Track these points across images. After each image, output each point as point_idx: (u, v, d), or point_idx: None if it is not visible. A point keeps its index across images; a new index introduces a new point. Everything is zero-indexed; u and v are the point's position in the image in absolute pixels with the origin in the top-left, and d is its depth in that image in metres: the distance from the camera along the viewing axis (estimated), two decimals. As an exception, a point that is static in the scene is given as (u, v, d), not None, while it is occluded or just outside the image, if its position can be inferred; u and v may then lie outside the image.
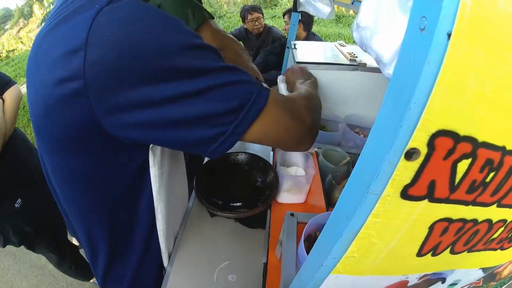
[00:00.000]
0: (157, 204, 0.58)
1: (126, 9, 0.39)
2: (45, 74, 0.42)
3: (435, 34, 0.17)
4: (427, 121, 0.19)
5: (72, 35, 0.39)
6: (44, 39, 0.43)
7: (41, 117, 0.45)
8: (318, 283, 0.32)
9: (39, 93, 0.44)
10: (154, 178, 0.54)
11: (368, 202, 0.23)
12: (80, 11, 0.40)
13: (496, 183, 0.29)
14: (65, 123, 0.43)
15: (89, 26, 0.37)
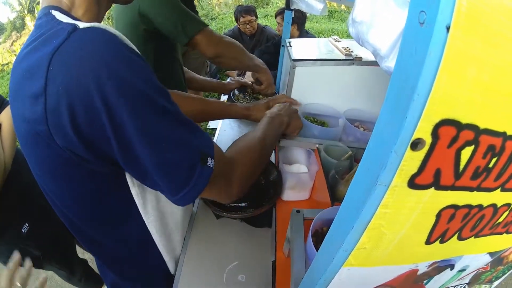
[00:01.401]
0: (146, 219, 0.59)
1: (84, 49, 0.38)
2: (19, 107, 0.43)
3: (435, 27, 0.18)
4: (430, 111, 0.20)
5: (34, 76, 0.38)
6: (19, 65, 0.43)
7: (24, 146, 0.47)
8: (331, 277, 0.33)
9: (17, 124, 0.45)
10: (136, 196, 0.55)
11: (377, 194, 0.23)
12: (43, 48, 0.39)
13: (499, 168, 0.29)
14: (42, 156, 0.45)
15: (46, 72, 0.37)
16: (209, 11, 6.85)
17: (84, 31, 0.38)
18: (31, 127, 0.41)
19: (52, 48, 0.37)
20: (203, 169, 0.47)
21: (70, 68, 0.37)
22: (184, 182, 0.46)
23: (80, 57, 0.37)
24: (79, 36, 0.38)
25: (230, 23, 5.92)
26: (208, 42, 1.06)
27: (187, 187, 0.47)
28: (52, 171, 0.48)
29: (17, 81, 0.43)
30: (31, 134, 0.43)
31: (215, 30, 1.16)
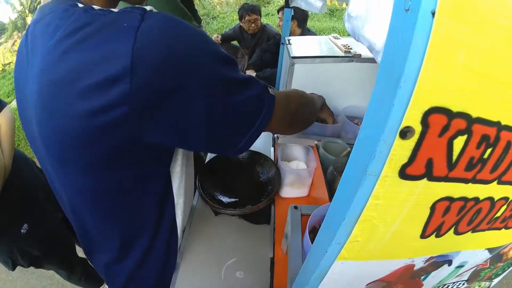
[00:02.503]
0: (177, 200, 0.62)
1: (164, 27, 0.38)
2: (70, 103, 0.40)
3: (420, 13, 0.17)
4: (418, 98, 0.20)
5: (108, 61, 0.37)
6: (59, 63, 0.40)
7: (69, 147, 0.44)
8: (325, 271, 0.32)
9: (61, 122, 0.42)
10: (175, 175, 0.59)
11: (367, 184, 0.23)
12: (109, 33, 0.38)
13: (494, 159, 0.29)
14: (102, 148, 0.43)
15: (131, 51, 0.36)
16: (210, 10, 6.85)
17: (153, 13, 0.39)
18: (95, 117, 0.39)
19: (132, 29, 0.36)
20: (269, 97, 0.51)
21: (159, 43, 0.37)
22: (256, 112, 0.50)
23: (166, 33, 0.38)
24: (154, 16, 0.38)
25: (231, 22, 5.92)
26: None
27: (259, 117, 0.50)
28: (103, 163, 0.46)
29: (62, 78, 0.40)
30: (88, 127, 0.40)
31: (216, 29, 1.17)
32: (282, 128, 0.60)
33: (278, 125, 0.56)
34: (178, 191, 0.61)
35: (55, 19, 0.42)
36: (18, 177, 1.11)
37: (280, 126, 0.58)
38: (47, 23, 0.43)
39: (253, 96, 0.49)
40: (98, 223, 0.59)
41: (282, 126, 0.59)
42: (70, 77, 0.39)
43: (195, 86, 0.40)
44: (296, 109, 0.60)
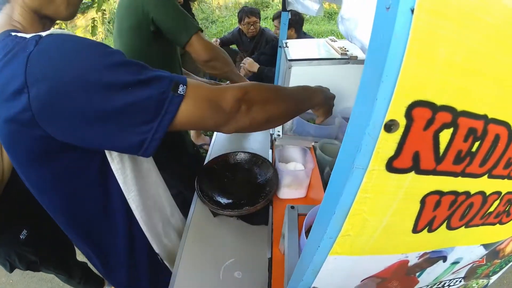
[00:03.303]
0: (127, 194, 0.65)
1: (50, 48, 0.47)
2: (1, 111, 0.50)
3: (399, 10, 0.18)
4: (401, 92, 0.20)
5: (13, 78, 0.47)
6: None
7: (6, 147, 0.55)
8: (318, 266, 0.33)
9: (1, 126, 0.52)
10: (117, 171, 0.62)
11: (355, 177, 0.23)
12: (17, 57, 0.47)
13: (483, 152, 0.29)
14: (28, 145, 0.52)
15: (24, 70, 0.46)
16: (209, 14, 6.88)
17: (46, 37, 0.48)
18: (14, 122, 0.49)
19: (27, 53, 0.46)
20: (174, 95, 0.52)
21: (43, 63, 0.47)
22: (157, 109, 0.51)
23: (48, 54, 0.47)
24: (44, 41, 0.48)
25: (230, 26, 5.95)
26: (203, 45, 1.09)
27: (161, 111, 0.51)
28: (35, 159, 0.55)
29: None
30: (14, 130, 0.50)
31: (215, 33, 1.20)
32: (216, 126, 0.59)
33: (196, 123, 0.56)
34: (125, 186, 0.64)
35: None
36: (17, 183, 1.11)
37: (202, 124, 0.57)
38: None
39: (149, 96, 0.50)
40: (57, 216, 0.68)
41: (206, 124, 0.57)
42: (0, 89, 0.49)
43: (79, 95, 0.47)
44: (237, 107, 0.58)
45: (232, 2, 7.41)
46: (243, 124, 0.60)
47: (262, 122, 0.63)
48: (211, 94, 0.56)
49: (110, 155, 0.60)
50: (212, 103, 0.56)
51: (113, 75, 0.48)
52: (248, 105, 0.59)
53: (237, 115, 0.58)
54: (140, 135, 0.51)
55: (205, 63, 1.14)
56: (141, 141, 0.51)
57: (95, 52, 0.49)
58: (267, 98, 0.62)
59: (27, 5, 0.56)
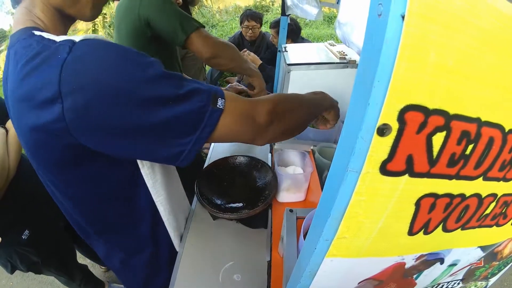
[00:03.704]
0: (156, 198, 0.66)
1: (86, 56, 0.45)
2: (28, 117, 0.48)
3: (389, 17, 0.19)
4: (393, 97, 0.21)
5: (45, 86, 0.45)
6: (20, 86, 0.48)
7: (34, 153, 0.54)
8: (315, 268, 0.33)
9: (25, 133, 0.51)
10: (146, 176, 0.63)
11: (349, 180, 0.24)
12: (48, 63, 0.45)
13: (477, 155, 0.30)
14: (58, 152, 0.51)
15: (58, 79, 0.44)
16: (210, 18, 6.92)
17: (81, 43, 0.46)
18: (44, 131, 0.47)
19: (61, 60, 0.44)
20: (214, 110, 0.52)
21: (80, 72, 0.44)
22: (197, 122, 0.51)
23: (85, 63, 0.45)
24: (79, 47, 0.45)
25: (230, 30, 5.99)
26: (204, 42, 1.07)
27: (201, 124, 0.51)
28: (63, 166, 0.54)
29: (21, 98, 0.48)
30: (43, 137, 0.49)
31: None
32: (248, 139, 0.59)
33: (232, 137, 0.56)
34: (154, 190, 0.65)
35: (19, 47, 0.50)
36: (22, 182, 1.12)
37: (237, 137, 0.57)
38: (15, 50, 0.51)
39: (190, 111, 0.50)
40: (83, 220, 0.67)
41: (241, 138, 0.58)
42: (26, 97, 0.47)
43: (118, 108, 0.46)
44: (269, 120, 0.58)
45: (232, 7, 7.45)
46: (275, 136, 0.61)
47: (291, 131, 0.65)
48: (246, 108, 0.56)
49: (141, 161, 0.61)
50: (248, 118, 0.56)
51: (153, 89, 0.47)
52: (279, 117, 0.59)
53: (270, 128, 0.59)
54: (179, 147, 0.51)
55: (208, 60, 1.12)
56: (179, 152, 0.51)
57: (134, 63, 0.48)
58: (293, 107, 0.64)
59: (50, 3, 0.54)
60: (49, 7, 0.55)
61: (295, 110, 0.64)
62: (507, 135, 0.30)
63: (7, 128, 1.08)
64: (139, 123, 0.47)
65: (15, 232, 1.12)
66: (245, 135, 0.57)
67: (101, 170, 0.57)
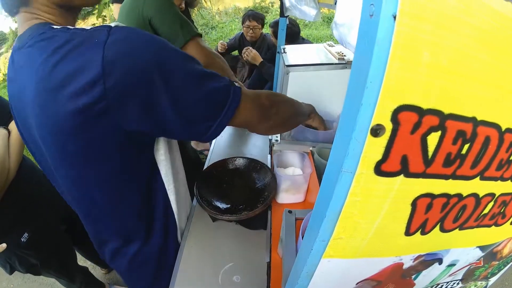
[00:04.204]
0: (168, 186, 0.69)
1: (126, 37, 0.48)
2: (63, 105, 0.48)
3: (381, 17, 0.19)
4: (386, 97, 0.21)
5: (86, 69, 0.46)
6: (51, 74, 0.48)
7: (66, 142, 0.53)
8: (312, 269, 0.33)
9: (57, 121, 0.50)
10: (162, 163, 0.66)
11: (343, 181, 0.24)
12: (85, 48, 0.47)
13: (473, 154, 0.30)
14: (93, 137, 0.52)
15: (101, 61, 0.45)
16: (209, 20, 6.92)
17: (117, 28, 0.48)
18: (82, 114, 0.48)
19: (101, 43, 0.46)
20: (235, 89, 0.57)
21: (124, 51, 0.46)
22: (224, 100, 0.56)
23: (128, 43, 0.47)
24: (117, 31, 0.48)
25: (230, 32, 5.99)
26: (200, 50, 1.09)
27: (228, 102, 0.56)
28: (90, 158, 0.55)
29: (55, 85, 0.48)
30: (78, 122, 0.49)
31: (215, 38, 1.19)
32: (256, 121, 0.64)
33: (250, 116, 0.61)
34: (166, 177, 0.68)
35: (36, 41, 0.50)
36: (22, 184, 1.12)
37: (252, 118, 0.62)
38: (30, 45, 0.51)
39: (219, 87, 0.55)
40: (97, 210, 0.67)
41: (254, 119, 0.63)
42: (61, 84, 0.47)
43: (159, 81, 0.48)
44: (270, 104, 0.65)
45: (232, 8, 7.46)
46: (275, 122, 0.67)
47: (283, 123, 0.71)
48: (253, 91, 0.63)
49: (158, 147, 0.64)
50: (255, 100, 0.62)
51: (190, 66, 0.52)
52: (276, 104, 0.66)
53: (271, 113, 0.65)
54: (208, 121, 0.55)
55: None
56: (208, 127, 0.56)
57: (166, 44, 0.52)
58: (283, 99, 0.72)
59: (52, 3, 0.55)
60: (53, 7, 0.55)
61: (286, 103, 0.72)
62: (503, 134, 0.30)
63: (9, 130, 1.07)
64: (176, 99, 0.51)
65: (15, 234, 1.11)
66: (254, 117, 0.63)
67: (127, 159, 0.58)
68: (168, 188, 0.70)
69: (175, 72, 0.50)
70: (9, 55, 4.00)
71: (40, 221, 1.19)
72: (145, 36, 0.50)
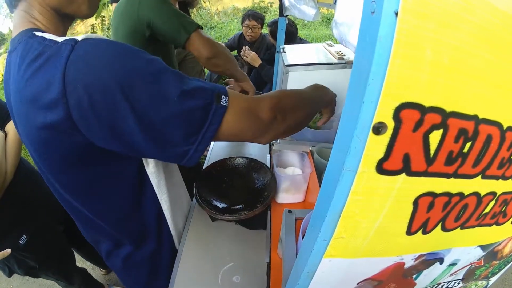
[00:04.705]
0: (160, 196, 0.68)
1: (89, 54, 0.45)
2: (33, 118, 0.48)
3: (383, 14, 0.18)
4: (388, 95, 0.21)
5: (49, 86, 0.45)
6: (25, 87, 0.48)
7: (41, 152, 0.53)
8: (313, 268, 0.33)
9: (31, 133, 0.51)
10: (151, 175, 0.64)
11: (345, 179, 0.24)
12: (51, 63, 0.45)
13: (475, 153, 0.29)
14: (66, 151, 0.51)
15: (62, 79, 0.44)
16: (208, 20, 6.93)
17: (83, 41, 0.46)
18: (53, 129, 0.48)
19: (63, 59, 0.44)
20: (218, 107, 0.51)
21: (83, 70, 0.44)
22: (202, 121, 0.50)
23: (88, 61, 0.45)
24: (82, 46, 0.46)
25: (228, 32, 5.99)
26: (205, 41, 1.07)
27: (205, 124, 0.51)
28: (72, 164, 0.54)
29: (27, 99, 0.48)
30: (52, 136, 0.49)
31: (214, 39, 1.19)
32: (250, 136, 0.57)
33: (239, 131, 0.55)
34: (159, 188, 0.67)
35: (21, 49, 0.50)
36: (19, 187, 1.11)
37: (243, 133, 0.56)
38: (17, 53, 0.51)
39: (195, 106, 0.49)
40: (84, 215, 0.67)
41: (248, 134, 0.57)
42: (31, 99, 0.47)
43: (123, 102, 0.45)
44: (272, 116, 0.57)
45: (230, 8, 7.46)
46: (278, 132, 0.60)
47: (294, 128, 0.64)
48: (249, 105, 0.55)
49: (146, 160, 0.62)
50: (251, 114, 0.55)
51: (158, 85, 0.47)
52: (282, 113, 0.59)
53: (274, 124, 0.58)
54: (184, 146, 0.51)
55: (208, 60, 1.11)
56: (184, 152, 0.51)
57: (137, 59, 0.48)
58: (295, 105, 0.63)
59: (47, 4, 0.55)
60: (47, 8, 0.55)
61: (297, 107, 0.63)
62: (505, 132, 0.30)
63: (5, 132, 1.06)
64: (144, 119, 0.47)
65: (13, 237, 1.11)
66: (248, 132, 0.56)
67: (110, 169, 0.57)
68: (161, 199, 0.69)
69: (142, 91, 0.46)
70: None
71: (38, 223, 1.18)
72: (110, 51, 0.47)
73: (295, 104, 0.63)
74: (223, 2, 7.75)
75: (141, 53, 0.49)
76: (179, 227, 0.80)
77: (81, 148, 0.51)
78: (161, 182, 0.66)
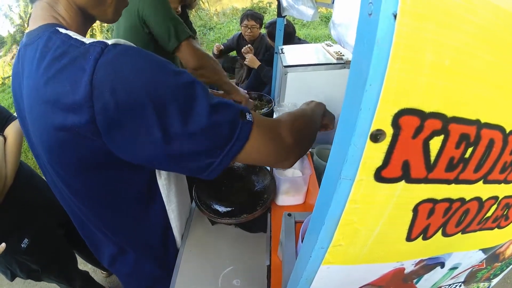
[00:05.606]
0: (168, 206, 0.68)
1: (119, 60, 0.44)
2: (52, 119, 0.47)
3: (380, 16, 0.18)
4: (386, 101, 0.20)
5: (75, 88, 0.44)
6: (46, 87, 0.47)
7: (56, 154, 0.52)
8: (311, 275, 0.32)
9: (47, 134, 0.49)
10: (162, 187, 0.64)
11: (342, 188, 0.23)
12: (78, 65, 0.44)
13: (477, 158, 0.29)
14: (81, 154, 0.50)
15: (89, 81, 0.43)
16: (207, 21, 6.92)
17: (113, 46, 0.45)
18: (70, 131, 0.46)
19: (92, 62, 0.43)
20: (244, 124, 0.50)
21: (112, 75, 0.43)
22: (229, 135, 0.49)
23: (118, 66, 0.44)
24: (112, 51, 0.44)
25: (227, 33, 5.98)
26: (193, 52, 1.10)
27: (233, 138, 0.49)
28: (85, 169, 0.53)
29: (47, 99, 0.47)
30: (69, 138, 0.47)
31: (213, 39, 1.20)
32: (273, 160, 0.56)
33: (261, 155, 0.53)
34: (167, 199, 0.66)
35: (41, 45, 0.48)
36: (20, 190, 1.11)
37: (266, 156, 0.54)
38: (35, 48, 0.49)
39: (223, 121, 0.48)
40: (96, 222, 0.66)
41: (270, 159, 0.55)
42: (52, 98, 0.46)
43: (150, 113, 0.44)
44: (293, 141, 0.56)
45: (229, 9, 7.46)
46: (299, 155, 0.59)
47: (307, 148, 0.63)
48: (273, 124, 0.55)
49: (158, 172, 0.61)
50: (275, 135, 0.54)
51: (187, 97, 0.46)
52: (299, 134, 0.58)
53: (295, 147, 0.57)
54: (208, 159, 0.49)
55: (194, 70, 1.12)
56: (208, 164, 0.50)
57: (166, 70, 0.47)
58: (305, 124, 0.63)
59: (74, 1, 0.54)
60: (73, 6, 0.54)
61: (307, 125, 0.64)
62: (508, 136, 0.29)
63: (5, 136, 1.06)
64: (171, 133, 0.46)
65: (15, 240, 1.11)
66: (271, 156, 0.55)
67: (122, 177, 0.56)
68: (168, 209, 0.68)
69: (170, 104, 0.45)
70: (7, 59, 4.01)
71: (39, 226, 1.18)
72: (140, 59, 0.46)
73: (305, 124, 0.63)
74: (222, 3, 7.74)
75: (169, 64, 0.48)
76: (183, 233, 0.80)
77: (98, 153, 0.49)
78: (171, 193, 0.67)
